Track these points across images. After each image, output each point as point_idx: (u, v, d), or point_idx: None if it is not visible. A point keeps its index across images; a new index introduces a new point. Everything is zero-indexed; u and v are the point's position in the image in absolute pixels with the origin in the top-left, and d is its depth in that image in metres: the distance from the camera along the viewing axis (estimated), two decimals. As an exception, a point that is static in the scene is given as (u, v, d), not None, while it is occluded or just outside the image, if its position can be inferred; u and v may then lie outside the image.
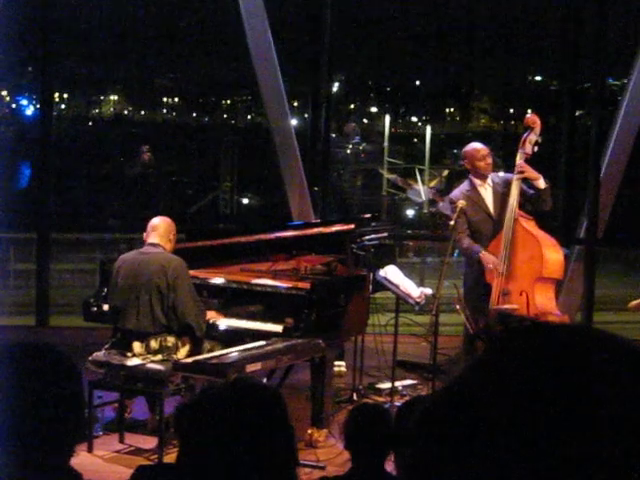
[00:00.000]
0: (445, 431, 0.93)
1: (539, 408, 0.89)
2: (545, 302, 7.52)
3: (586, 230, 10.43)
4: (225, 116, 23.91)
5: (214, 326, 7.03)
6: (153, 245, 6.92)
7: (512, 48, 19.32)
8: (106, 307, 7.22)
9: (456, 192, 8.05)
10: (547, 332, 0.97)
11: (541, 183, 7.66)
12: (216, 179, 16.35)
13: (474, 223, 7.84)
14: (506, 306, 7.42)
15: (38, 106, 12.75)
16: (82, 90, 22.73)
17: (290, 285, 7.17)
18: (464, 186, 8.02)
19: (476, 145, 8.04)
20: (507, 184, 7.79)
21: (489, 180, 7.93)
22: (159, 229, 6.97)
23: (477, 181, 7.92)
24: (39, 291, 10.56)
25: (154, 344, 6.78)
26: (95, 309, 7.44)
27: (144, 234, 7.03)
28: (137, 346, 6.80)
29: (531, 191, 7.70)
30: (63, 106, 22.40)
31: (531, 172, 7.63)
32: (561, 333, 0.97)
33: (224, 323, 7.08)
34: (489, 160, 7.93)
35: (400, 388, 8.18)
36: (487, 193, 7.91)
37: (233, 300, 7.19)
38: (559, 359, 0.92)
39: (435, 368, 7.68)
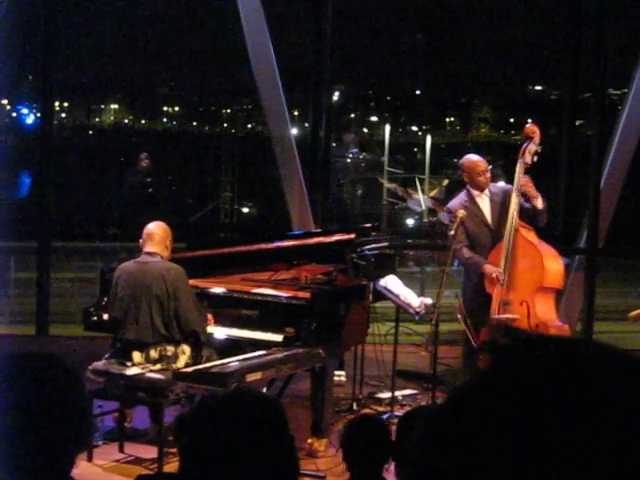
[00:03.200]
0: (449, 444, 0.93)
1: (544, 421, 0.89)
2: (546, 312, 7.52)
3: (586, 240, 10.44)
4: (225, 125, 23.92)
5: (214, 335, 7.04)
6: (150, 254, 6.91)
7: (512, 58, 19.34)
8: (106, 316, 7.21)
9: (454, 202, 8.04)
10: (553, 346, 0.97)
11: (539, 203, 7.63)
12: (216, 188, 16.36)
13: (472, 234, 7.83)
14: (507, 316, 7.42)
15: (38, 115, 12.75)
16: (82, 99, 22.75)
17: (290, 295, 7.17)
18: (462, 196, 8.01)
19: (474, 158, 8.01)
20: (505, 195, 7.79)
21: (486, 190, 7.93)
22: (155, 237, 6.96)
23: (475, 192, 7.91)
24: (39, 300, 10.55)
25: (154, 353, 6.78)
26: (95, 318, 7.43)
27: (140, 240, 7.02)
28: (137, 355, 6.80)
29: (527, 204, 7.67)
30: (63, 115, 22.42)
31: (532, 190, 7.61)
32: (566, 347, 0.97)
33: (225, 332, 7.09)
34: (488, 175, 7.92)
35: (400, 398, 8.18)
36: (485, 204, 7.91)
37: (233, 310, 7.19)
38: (564, 373, 0.92)
39: (435, 378, 7.67)
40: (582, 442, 0.88)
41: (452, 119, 24.54)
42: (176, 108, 25.09)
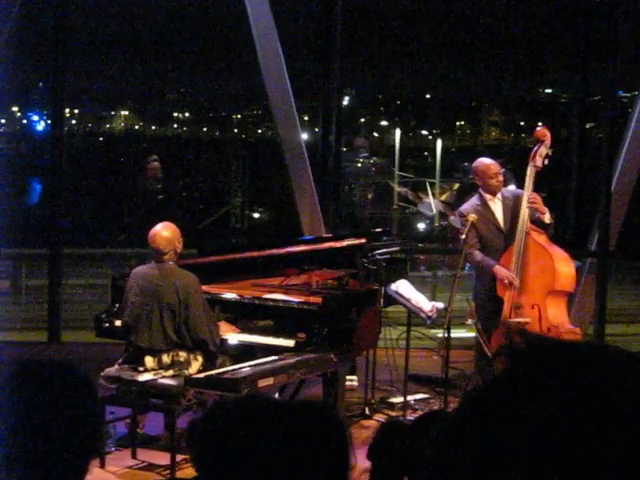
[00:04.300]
0: (465, 449, 0.92)
1: (560, 426, 0.89)
2: (557, 315, 7.51)
3: (598, 242, 10.41)
4: (236, 130, 23.96)
5: (226, 341, 7.04)
6: (162, 261, 6.90)
7: (522, 61, 19.32)
8: (118, 323, 7.21)
9: (466, 206, 8.03)
10: (566, 350, 0.97)
11: (546, 218, 7.64)
12: (227, 193, 16.37)
13: (484, 237, 7.83)
14: (518, 319, 7.41)
15: (49, 122, 12.78)
16: (93, 105, 22.80)
17: (302, 300, 7.16)
18: (474, 200, 8.01)
19: (487, 161, 8.01)
20: (516, 199, 7.79)
21: (499, 194, 7.92)
22: (164, 241, 6.91)
23: (487, 195, 7.91)
24: (51, 307, 10.55)
25: (166, 359, 6.79)
26: (107, 325, 7.44)
27: (150, 244, 6.97)
28: (149, 361, 6.80)
29: (536, 215, 7.66)
30: (74, 121, 22.46)
31: (541, 205, 7.62)
32: (580, 351, 0.97)
33: (236, 338, 7.08)
34: (500, 178, 7.92)
35: (412, 402, 8.17)
36: (497, 207, 7.90)
37: (245, 315, 7.19)
38: (579, 377, 0.92)
39: (447, 382, 7.66)
40: (597, 446, 0.88)
41: (462, 123, 24.56)
42: (186, 114, 25.13)
